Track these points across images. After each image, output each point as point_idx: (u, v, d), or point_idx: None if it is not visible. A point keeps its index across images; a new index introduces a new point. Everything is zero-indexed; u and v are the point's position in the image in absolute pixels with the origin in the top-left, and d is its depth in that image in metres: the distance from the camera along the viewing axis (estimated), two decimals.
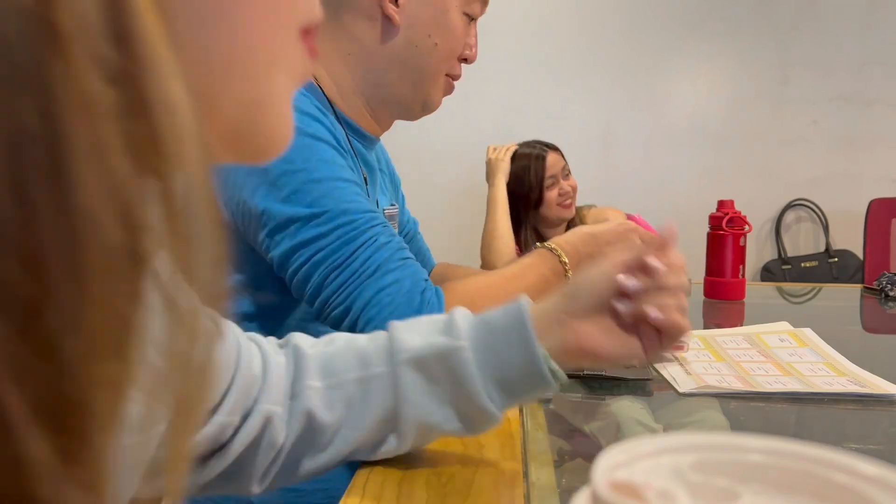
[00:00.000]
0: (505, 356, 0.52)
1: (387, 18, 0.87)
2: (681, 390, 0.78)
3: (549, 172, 2.09)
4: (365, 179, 0.89)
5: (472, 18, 0.92)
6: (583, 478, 0.58)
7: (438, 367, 0.52)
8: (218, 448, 0.51)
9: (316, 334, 0.58)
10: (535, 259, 0.85)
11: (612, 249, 0.95)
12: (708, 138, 3.10)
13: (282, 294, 0.83)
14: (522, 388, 0.53)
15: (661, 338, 0.52)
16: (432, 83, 0.92)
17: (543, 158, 2.10)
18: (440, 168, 2.92)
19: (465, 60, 0.94)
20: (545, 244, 0.88)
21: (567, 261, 0.85)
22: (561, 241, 0.89)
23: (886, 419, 0.72)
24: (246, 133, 0.27)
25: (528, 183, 2.10)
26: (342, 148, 0.80)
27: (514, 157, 2.13)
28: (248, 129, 0.27)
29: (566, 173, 2.13)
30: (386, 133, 1.00)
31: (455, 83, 0.97)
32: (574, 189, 2.13)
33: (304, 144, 0.76)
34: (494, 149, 2.15)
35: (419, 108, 0.95)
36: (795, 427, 0.73)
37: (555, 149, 2.15)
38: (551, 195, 2.10)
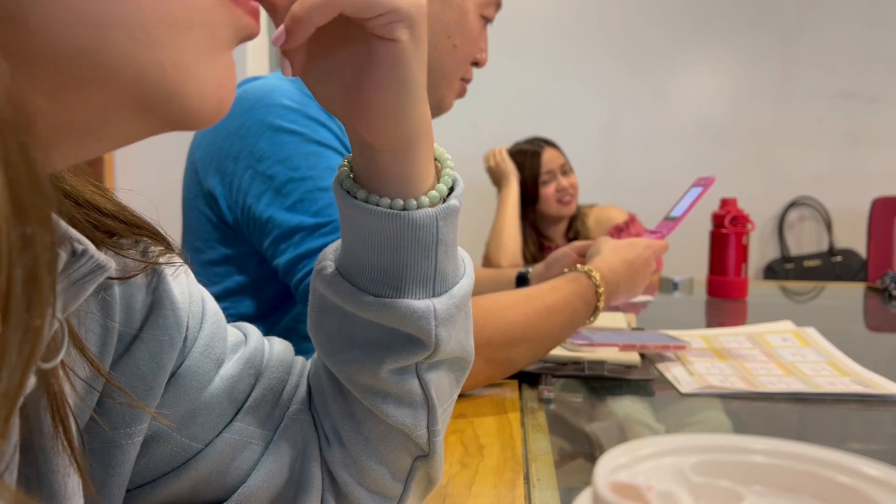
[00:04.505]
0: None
1: None
2: (683, 390, 0.78)
3: (544, 168, 2.09)
4: None
5: (487, 21, 0.91)
6: (583, 478, 0.58)
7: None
8: None
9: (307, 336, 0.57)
10: (564, 281, 0.81)
11: (642, 280, 0.93)
12: (710, 136, 3.09)
13: (280, 296, 0.82)
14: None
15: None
16: (447, 86, 0.90)
17: (538, 154, 2.10)
18: None
19: (477, 64, 0.93)
20: (582, 267, 0.84)
21: (602, 290, 0.82)
22: (604, 266, 0.86)
23: (890, 419, 0.72)
24: (157, 98, 0.25)
25: (523, 179, 2.09)
26: (349, 153, 0.80)
27: (513, 155, 2.12)
28: (157, 94, 0.25)
29: (565, 170, 2.12)
30: None
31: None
32: (574, 187, 2.12)
33: (310, 151, 0.76)
34: (493, 154, 2.14)
35: (432, 110, 0.94)
36: (798, 427, 0.73)
37: (552, 145, 2.14)
38: (547, 191, 2.09)
